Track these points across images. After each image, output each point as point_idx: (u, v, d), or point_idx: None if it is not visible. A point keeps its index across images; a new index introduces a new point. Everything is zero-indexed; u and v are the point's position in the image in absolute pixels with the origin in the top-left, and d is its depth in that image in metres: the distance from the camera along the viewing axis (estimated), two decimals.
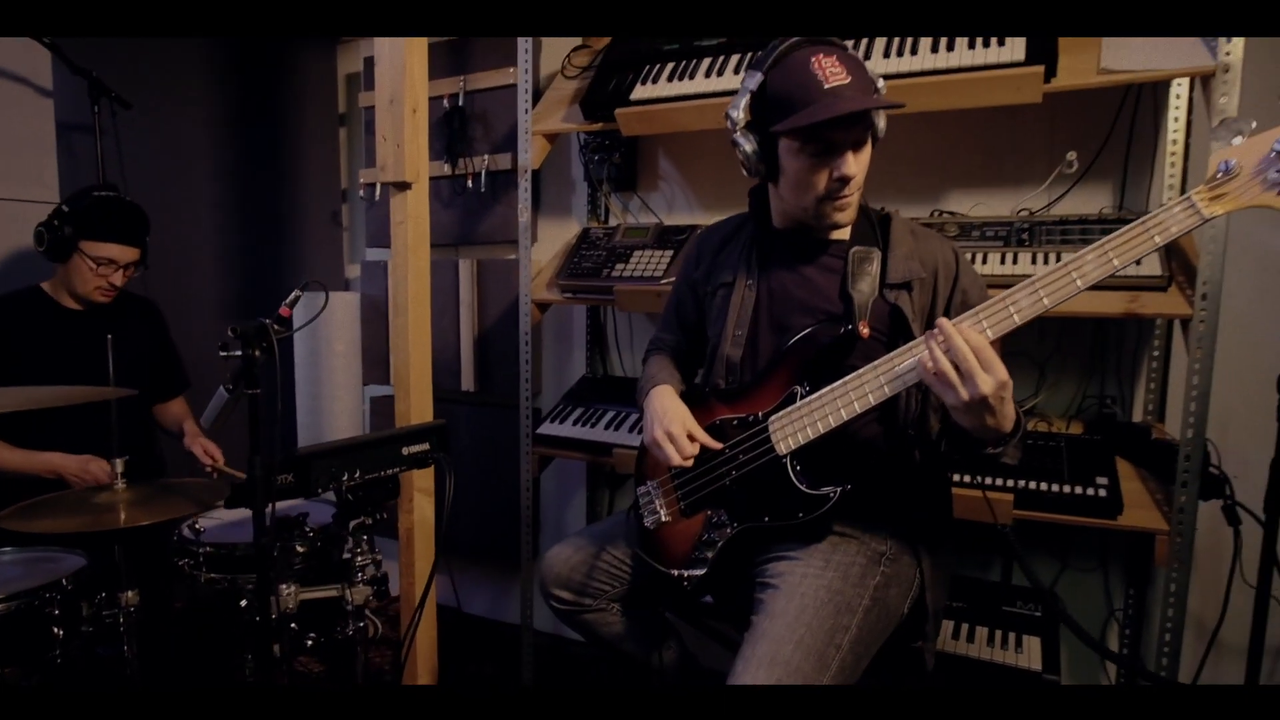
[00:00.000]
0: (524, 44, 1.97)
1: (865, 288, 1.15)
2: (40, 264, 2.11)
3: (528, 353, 2.03)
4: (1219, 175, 0.88)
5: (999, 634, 1.62)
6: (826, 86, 1.07)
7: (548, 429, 2.01)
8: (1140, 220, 0.94)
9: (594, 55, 2.08)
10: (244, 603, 1.59)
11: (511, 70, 2.22)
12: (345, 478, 1.41)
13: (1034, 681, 1.52)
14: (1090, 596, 1.81)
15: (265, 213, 2.66)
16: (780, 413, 1.16)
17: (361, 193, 2.50)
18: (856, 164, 1.13)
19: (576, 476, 2.39)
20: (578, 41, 2.24)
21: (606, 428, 1.95)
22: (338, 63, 2.73)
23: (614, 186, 2.22)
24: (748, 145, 1.16)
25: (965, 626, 1.63)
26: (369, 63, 2.52)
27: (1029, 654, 1.56)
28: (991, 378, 0.93)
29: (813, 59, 1.08)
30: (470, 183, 2.28)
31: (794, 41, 1.12)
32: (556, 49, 2.15)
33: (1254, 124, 0.88)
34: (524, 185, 1.98)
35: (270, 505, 1.22)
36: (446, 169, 2.34)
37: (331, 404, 2.49)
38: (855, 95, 1.07)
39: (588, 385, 2.18)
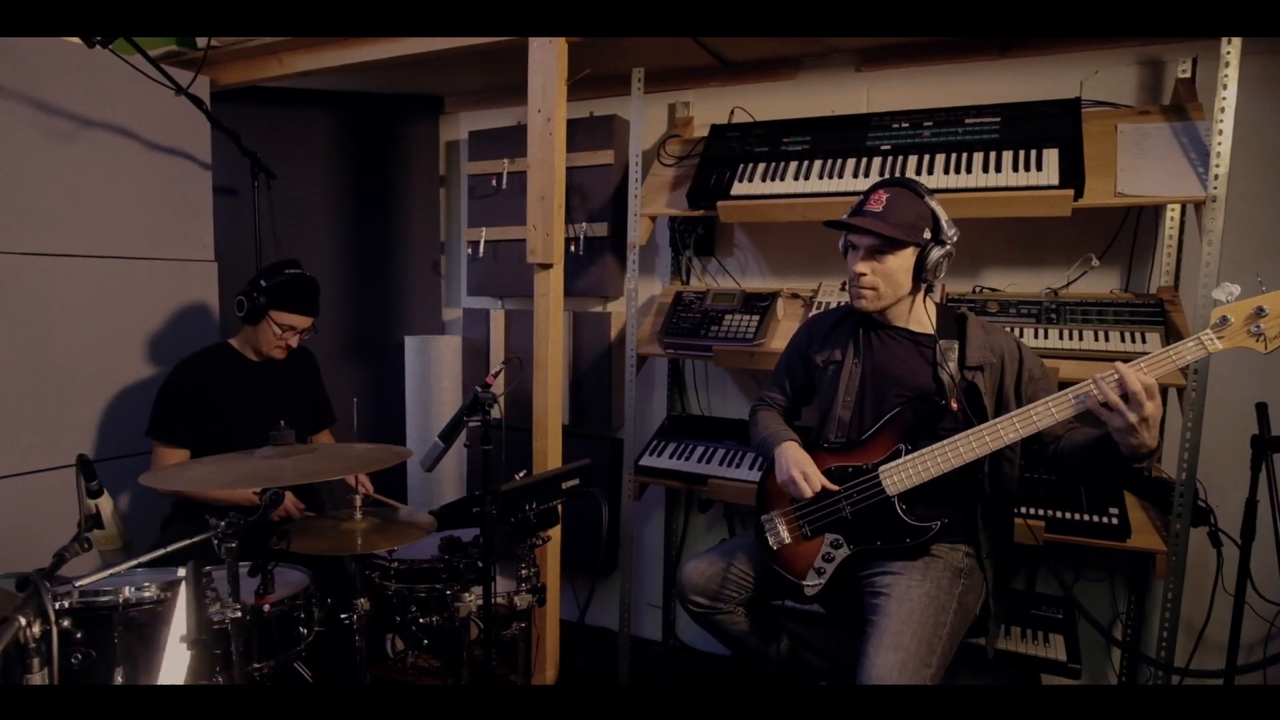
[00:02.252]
0: (633, 143, 2.37)
1: (950, 374, 1.56)
2: (198, 312, 2.50)
3: (634, 398, 2.43)
4: (1219, 324, 1.30)
5: (1030, 631, 2.03)
6: (865, 209, 1.51)
7: (648, 461, 2.41)
8: (1168, 350, 1.35)
9: (684, 145, 2.48)
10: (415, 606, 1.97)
11: (610, 152, 2.62)
12: (528, 507, 1.80)
13: (1059, 669, 1.94)
14: (1100, 601, 2.23)
15: (375, 264, 3.04)
16: (889, 464, 1.56)
17: (468, 250, 2.88)
18: (867, 267, 1.56)
19: (654, 501, 2.78)
20: (663, 128, 2.66)
21: (699, 461, 2.35)
22: (440, 131, 3.11)
23: (696, 252, 2.62)
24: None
25: (1002, 626, 2.05)
26: (473, 136, 2.90)
27: (1055, 648, 1.98)
28: (1155, 401, 1.30)
29: (877, 190, 1.54)
30: (572, 247, 2.67)
31: (884, 180, 1.56)
32: (646, 134, 2.55)
33: (1239, 289, 1.31)
34: (632, 259, 2.38)
35: (495, 528, 1.60)
36: None
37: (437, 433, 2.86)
38: (871, 219, 1.52)
39: (675, 423, 2.58)
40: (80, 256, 2.30)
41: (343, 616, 1.76)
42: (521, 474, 1.92)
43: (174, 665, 1.02)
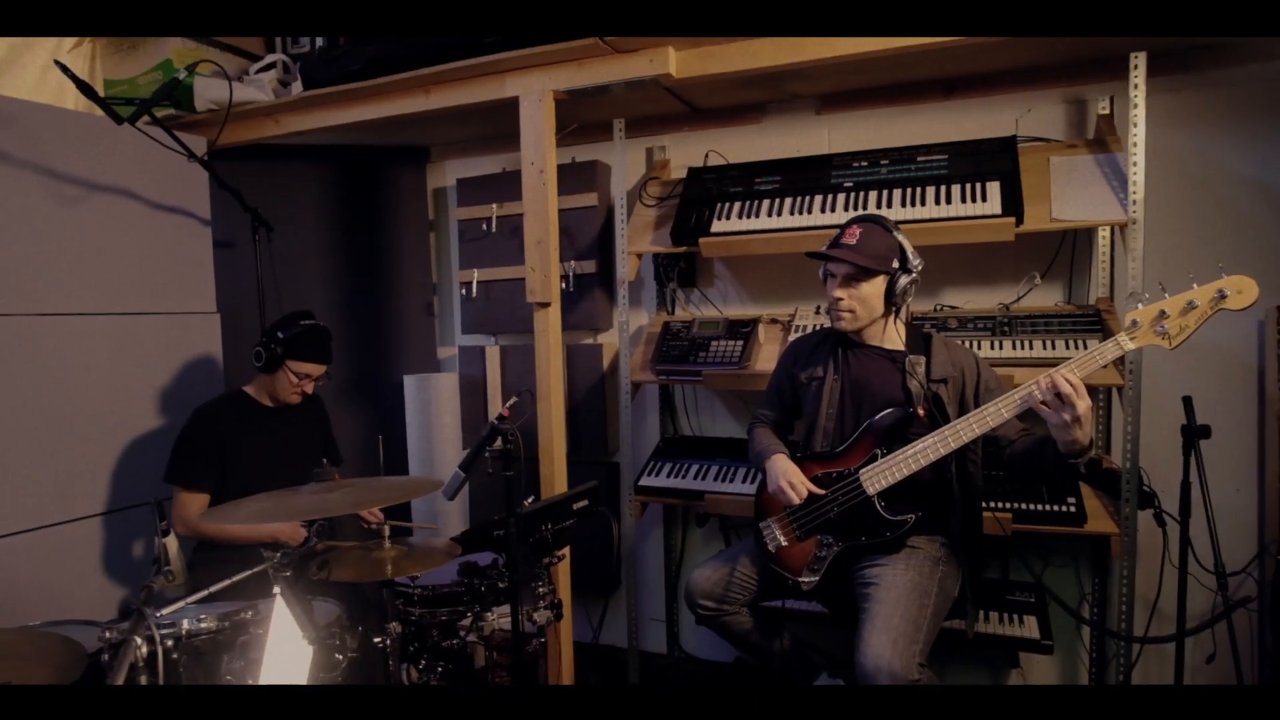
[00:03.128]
0: (617, 187, 2.59)
1: (917, 384, 1.79)
2: (204, 362, 2.64)
3: (629, 423, 2.62)
4: (1130, 326, 1.55)
5: (1005, 615, 2.25)
6: (841, 241, 1.75)
7: (646, 481, 2.59)
8: (1090, 351, 1.60)
9: (663, 186, 2.71)
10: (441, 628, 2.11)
11: (594, 195, 2.84)
12: (544, 528, 1.97)
13: (1034, 646, 2.16)
14: (1067, 585, 2.46)
15: (371, 307, 3.20)
16: (867, 467, 1.78)
17: (461, 290, 3.06)
18: (842, 292, 1.80)
19: (652, 519, 2.96)
20: (642, 170, 2.88)
21: (695, 478, 2.54)
22: (427, 179, 3.30)
23: (679, 284, 2.84)
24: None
25: (980, 611, 2.26)
26: (461, 183, 3.10)
27: (1029, 628, 2.20)
28: (1084, 400, 1.53)
29: (851, 225, 1.78)
30: (563, 284, 2.86)
31: (852, 218, 1.80)
32: (626, 176, 2.77)
33: (1147, 295, 1.55)
34: (622, 294, 2.59)
35: (520, 548, 1.77)
36: None
37: (441, 467, 3.01)
38: (847, 250, 1.77)
39: (669, 444, 2.78)
40: (89, 315, 2.44)
41: (376, 641, 1.90)
42: (530, 500, 2.09)
43: (297, 663, 1.16)
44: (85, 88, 2.15)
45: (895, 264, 1.78)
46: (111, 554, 2.48)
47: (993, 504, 2.14)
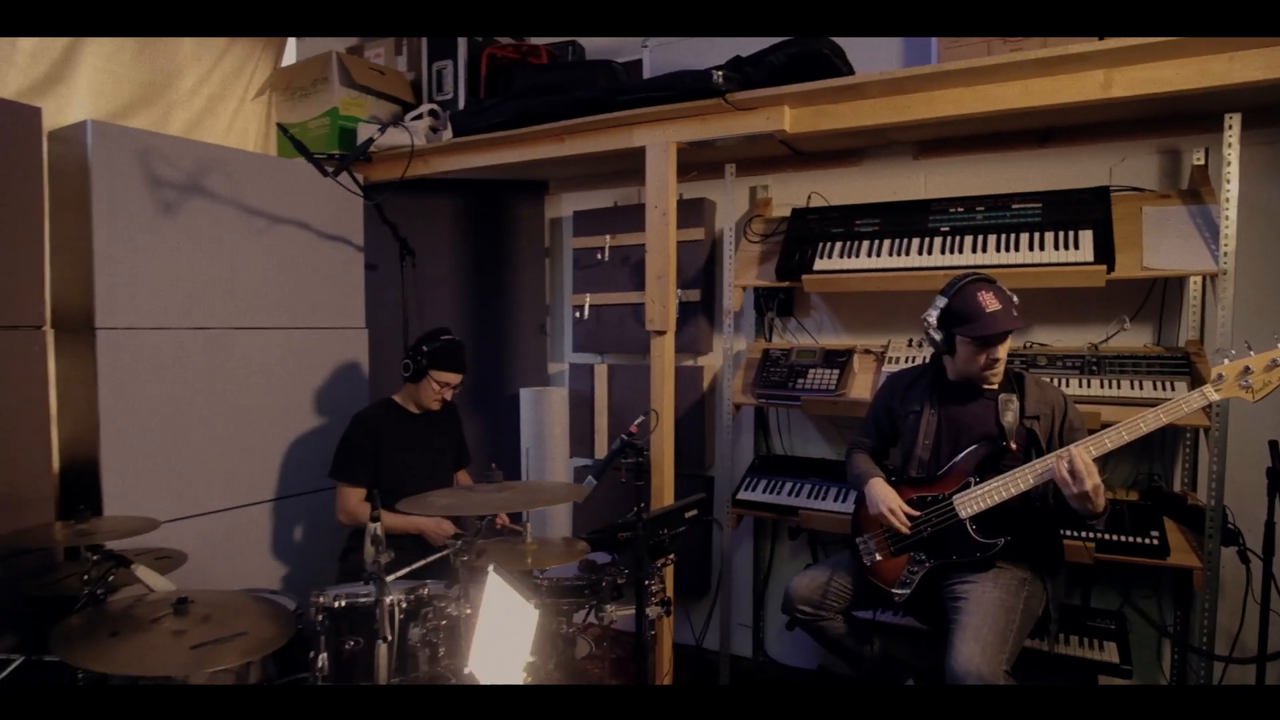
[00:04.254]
0: (725, 225, 2.86)
1: (1011, 420, 1.99)
2: (353, 371, 3.02)
3: (728, 441, 2.88)
4: (1216, 379, 1.73)
5: (1086, 640, 2.41)
6: (988, 310, 1.94)
7: (743, 495, 2.85)
8: (1176, 399, 1.78)
9: (766, 224, 2.97)
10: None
11: (701, 229, 3.12)
12: (662, 532, 2.25)
13: (1113, 670, 2.31)
14: (1149, 614, 2.58)
15: (491, 325, 3.57)
16: (961, 493, 1.99)
17: (575, 313, 3.39)
18: (1001, 352, 1.99)
19: (743, 531, 3.21)
20: (745, 207, 3.15)
21: (789, 495, 2.78)
22: (545, 210, 3.65)
23: (778, 313, 3.09)
24: (937, 336, 2.03)
25: (1062, 634, 2.42)
26: (578, 215, 3.44)
27: (1109, 652, 2.35)
28: (1090, 481, 1.76)
29: (979, 293, 1.95)
30: None
31: (966, 280, 2.00)
32: (732, 213, 3.04)
33: (1233, 351, 1.73)
34: (728, 323, 2.86)
35: (642, 549, 2.05)
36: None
37: (551, 473, 3.34)
38: (1004, 317, 1.94)
39: (764, 462, 3.02)
40: (268, 329, 2.86)
41: None
42: (639, 508, 2.37)
43: (525, 624, 1.43)
44: (299, 146, 2.55)
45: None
46: (277, 535, 2.89)
47: (1077, 533, 2.31)
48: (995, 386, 2.07)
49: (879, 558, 2.11)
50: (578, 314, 3.39)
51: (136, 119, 2.86)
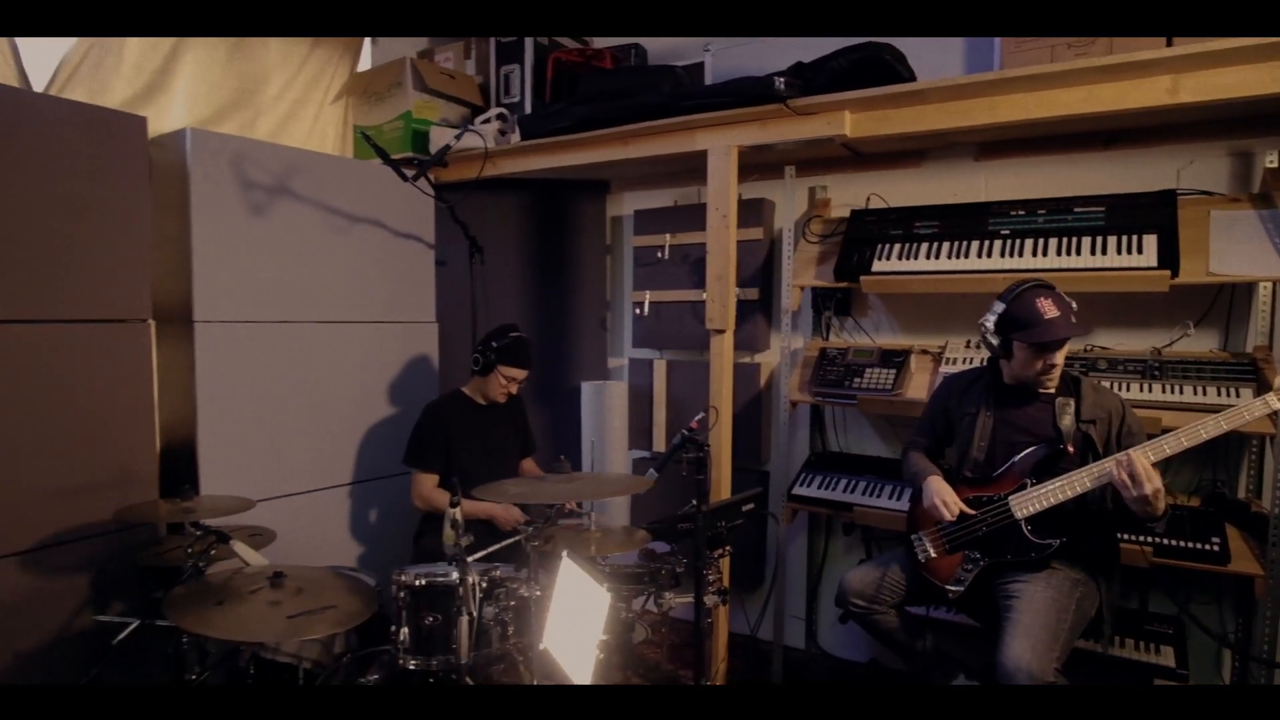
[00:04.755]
0: (784, 225, 2.93)
1: (1068, 423, 2.03)
2: (424, 364, 3.17)
3: (784, 437, 2.96)
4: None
5: (1142, 643, 2.43)
6: (1046, 317, 1.98)
7: (798, 490, 2.93)
8: (1239, 406, 1.80)
9: (825, 225, 3.03)
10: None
11: (759, 229, 3.19)
12: (720, 524, 2.36)
13: (1169, 674, 2.33)
14: (1209, 621, 2.58)
15: (553, 320, 3.71)
16: (1017, 494, 2.04)
17: (635, 309, 3.50)
18: (1058, 358, 2.03)
19: (797, 526, 3.29)
20: (804, 208, 3.21)
21: (844, 491, 2.85)
22: (606, 209, 3.77)
23: (835, 312, 3.15)
24: (994, 340, 2.08)
25: (1118, 637, 2.45)
26: (639, 214, 3.54)
27: (1165, 656, 2.37)
28: (1150, 485, 1.80)
29: (1038, 299, 2.00)
30: None
31: (1026, 286, 2.04)
32: (791, 213, 3.11)
33: None
34: (786, 322, 2.93)
35: (701, 539, 2.15)
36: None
37: (611, 465, 3.46)
38: (1063, 324, 1.98)
39: (819, 458, 3.10)
40: (347, 323, 3.04)
41: None
42: (697, 501, 2.47)
43: (599, 606, 1.56)
44: (381, 152, 2.71)
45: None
46: (354, 517, 3.08)
47: (1135, 537, 2.33)
48: (1052, 390, 2.11)
49: (933, 554, 2.17)
50: (638, 310, 3.50)
51: (227, 124, 3.07)
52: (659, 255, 3.45)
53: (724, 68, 3.13)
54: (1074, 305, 2.06)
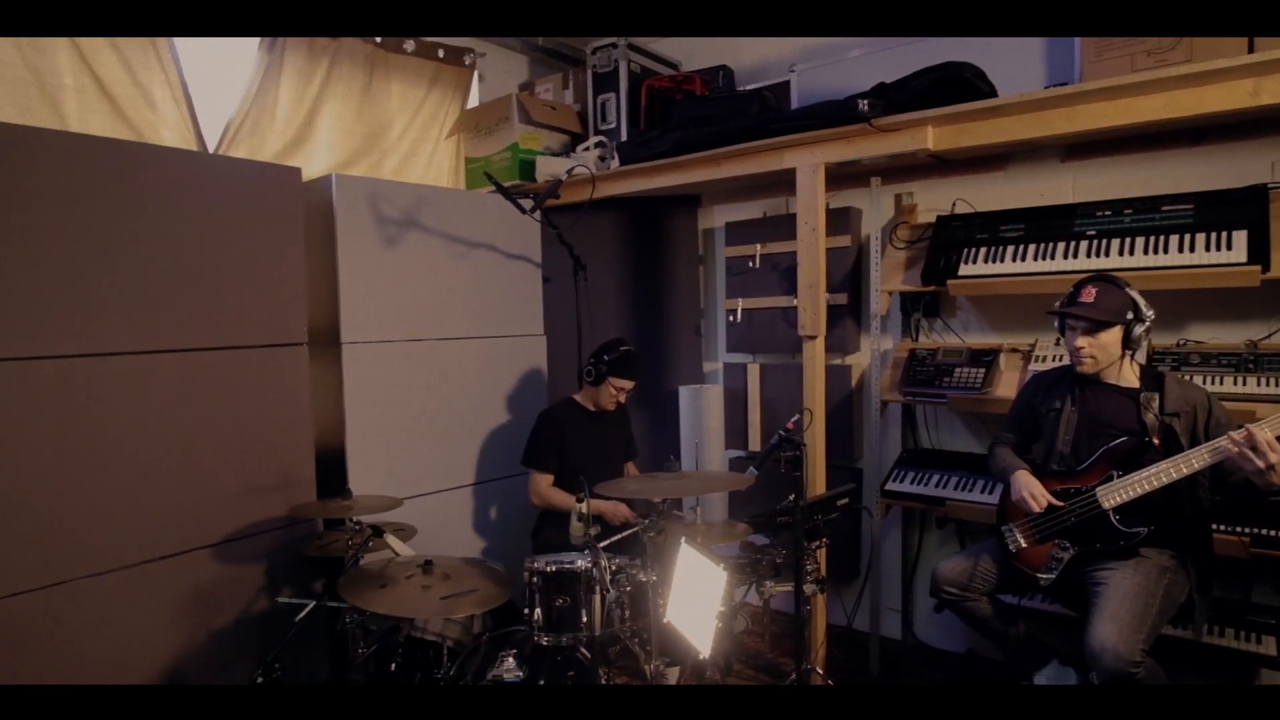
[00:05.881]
0: (872, 232, 3.12)
1: (1152, 417, 2.16)
2: (534, 374, 3.49)
3: (876, 435, 3.15)
4: None
5: (1243, 633, 2.50)
6: (1079, 300, 2.14)
7: (892, 486, 3.11)
8: None
9: (911, 231, 3.19)
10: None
11: (847, 237, 3.38)
12: (817, 518, 2.58)
13: (1269, 663, 2.40)
14: None
15: (651, 328, 3.99)
16: (1103, 486, 2.18)
17: (728, 317, 3.75)
18: (1084, 341, 2.18)
19: (892, 519, 3.46)
20: (890, 214, 3.38)
21: (936, 486, 3.02)
22: (698, 221, 4.03)
23: (924, 314, 3.31)
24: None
25: (1218, 628, 2.52)
26: (730, 226, 3.79)
27: (1266, 646, 2.44)
28: (1275, 455, 1.90)
29: (1084, 285, 2.17)
30: None
31: (1085, 277, 2.19)
32: (877, 220, 3.28)
33: None
34: (875, 325, 3.12)
35: (800, 531, 2.38)
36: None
37: (709, 463, 3.72)
38: (1085, 309, 2.15)
39: (911, 455, 3.26)
40: (467, 339, 3.41)
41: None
42: (795, 495, 2.69)
43: (716, 583, 1.82)
44: (502, 189, 3.06)
45: (1130, 315, 2.17)
46: (477, 514, 3.45)
47: (1231, 527, 2.41)
48: (1136, 385, 2.24)
49: (1024, 545, 2.33)
50: (731, 317, 3.74)
51: (358, 166, 3.49)
52: (750, 264, 3.68)
53: (809, 86, 3.34)
54: (1133, 300, 2.17)
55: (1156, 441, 2.14)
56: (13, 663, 2.20)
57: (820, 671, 2.92)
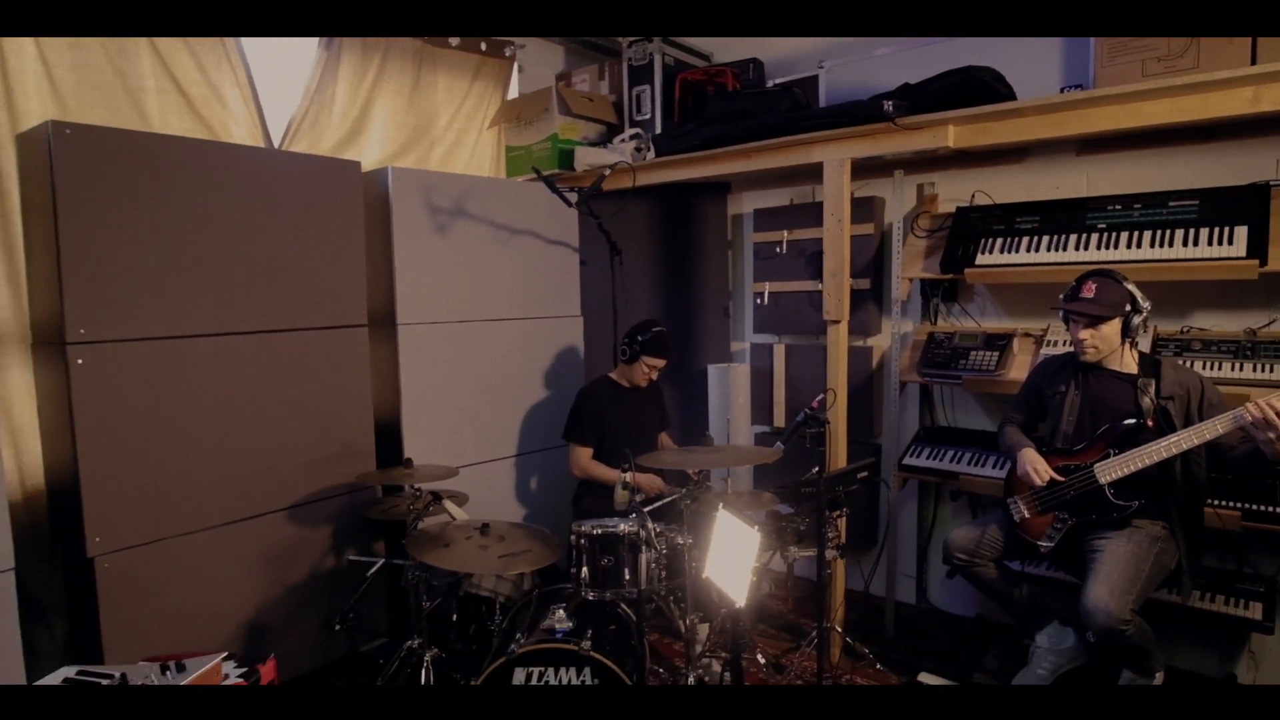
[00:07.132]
0: (894, 221, 3.33)
1: (1149, 401, 2.39)
2: (571, 353, 3.76)
3: (894, 413, 3.39)
4: None
5: (1232, 599, 2.74)
6: (1080, 295, 2.36)
7: (908, 460, 3.35)
8: None
9: (932, 220, 3.40)
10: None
11: (870, 225, 3.60)
12: (839, 489, 2.84)
13: (1255, 626, 2.64)
14: None
15: (682, 310, 4.24)
16: (1100, 462, 2.42)
17: (756, 299, 3.99)
18: (1087, 334, 2.41)
19: (907, 493, 3.71)
20: (912, 203, 3.58)
21: (950, 462, 3.26)
22: (728, 207, 4.25)
23: (942, 298, 3.53)
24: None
25: (1209, 594, 2.76)
26: (758, 213, 4.01)
27: (1253, 611, 2.68)
28: None
29: (1086, 280, 2.38)
30: None
31: (1091, 270, 2.41)
32: (901, 209, 3.49)
33: None
34: (896, 310, 3.35)
35: (823, 501, 2.64)
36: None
37: (735, 439, 3.99)
38: (1086, 304, 2.37)
39: (928, 432, 3.50)
40: (509, 319, 3.68)
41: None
42: (819, 468, 2.95)
43: (751, 543, 2.10)
44: (550, 184, 3.31)
45: (1128, 308, 2.39)
46: (519, 483, 3.75)
47: (1224, 502, 2.64)
48: (1134, 370, 2.46)
49: (1027, 515, 2.58)
50: (758, 300, 3.98)
51: (408, 157, 3.75)
52: (777, 250, 3.91)
53: (837, 81, 3.53)
54: (1131, 294, 2.39)
55: (1150, 424, 2.37)
56: (124, 608, 2.54)
57: (839, 629, 3.20)
